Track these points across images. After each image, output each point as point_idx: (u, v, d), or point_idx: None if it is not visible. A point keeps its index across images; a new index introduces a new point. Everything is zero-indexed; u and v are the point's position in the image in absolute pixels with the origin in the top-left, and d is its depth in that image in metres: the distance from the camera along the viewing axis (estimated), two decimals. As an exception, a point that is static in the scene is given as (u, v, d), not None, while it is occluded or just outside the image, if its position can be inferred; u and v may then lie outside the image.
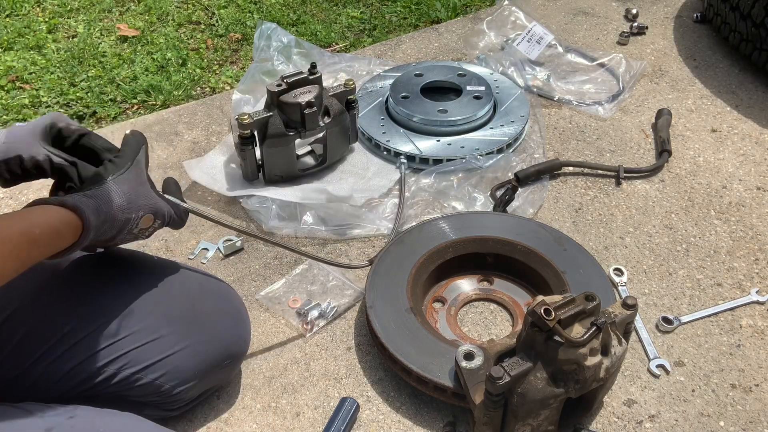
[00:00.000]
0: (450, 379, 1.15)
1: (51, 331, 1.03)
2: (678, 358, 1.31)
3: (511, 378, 1.01)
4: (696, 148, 1.82)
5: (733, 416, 1.21)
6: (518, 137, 1.79)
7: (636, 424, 1.20)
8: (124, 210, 0.98)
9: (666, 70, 2.12)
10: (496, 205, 1.59)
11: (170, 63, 2.28)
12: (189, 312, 1.12)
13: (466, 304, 1.40)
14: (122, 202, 0.98)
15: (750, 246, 1.54)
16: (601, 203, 1.66)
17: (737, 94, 2.01)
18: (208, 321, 1.13)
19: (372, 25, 2.48)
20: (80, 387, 1.05)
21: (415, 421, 1.21)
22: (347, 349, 1.33)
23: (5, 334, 1.02)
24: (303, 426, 1.20)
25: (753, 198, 1.66)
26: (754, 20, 1.96)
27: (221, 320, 1.15)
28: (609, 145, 1.83)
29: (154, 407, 1.11)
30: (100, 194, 0.96)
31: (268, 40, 2.03)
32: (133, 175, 1.01)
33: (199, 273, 1.22)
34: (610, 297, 1.29)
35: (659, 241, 1.55)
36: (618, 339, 1.09)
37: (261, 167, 1.64)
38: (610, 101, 1.96)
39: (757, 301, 1.41)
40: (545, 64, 2.10)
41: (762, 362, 1.30)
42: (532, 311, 1.00)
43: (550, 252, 1.39)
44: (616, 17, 2.39)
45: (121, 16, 2.55)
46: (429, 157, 1.70)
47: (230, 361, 1.17)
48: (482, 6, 2.55)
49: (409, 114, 1.79)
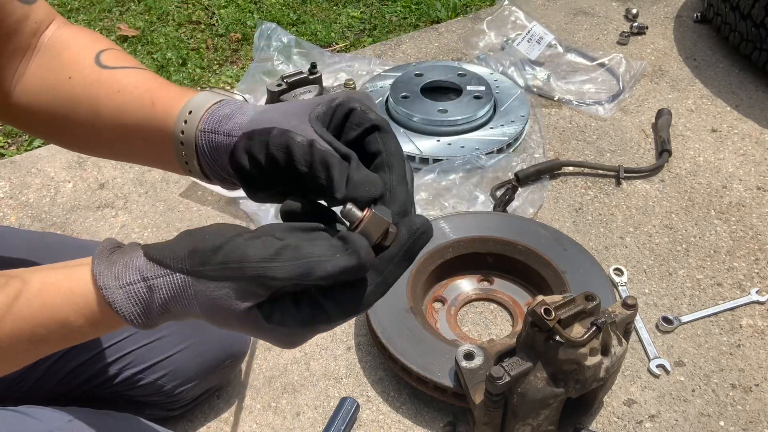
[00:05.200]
0: (450, 379, 1.15)
1: None
2: (678, 358, 1.31)
3: (511, 378, 1.01)
4: (696, 148, 1.82)
5: (733, 416, 1.21)
6: (518, 137, 1.79)
7: (636, 424, 1.20)
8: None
9: (666, 70, 2.12)
10: (496, 204, 1.59)
11: (170, 63, 2.28)
12: None
13: (466, 304, 1.40)
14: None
15: (750, 246, 1.54)
16: (601, 203, 1.66)
17: (737, 94, 2.01)
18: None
19: (372, 25, 2.48)
20: (82, 387, 1.05)
21: (415, 421, 1.21)
22: (347, 349, 1.33)
23: None
24: (303, 426, 1.20)
25: (753, 198, 1.66)
26: (754, 20, 1.96)
27: None
28: (609, 145, 1.83)
29: (155, 407, 1.12)
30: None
31: (268, 40, 2.03)
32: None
33: None
34: (610, 297, 1.29)
35: (659, 241, 1.55)
36: (618, 339, 1.09)
37: (261, 167, 1.64)
38: (610, 101, 1.96)
39: (757, 301, 1.41)
40: (545, 64, 2.10)
41: (762, 362, 1.30)
42: (532, 311, 1.00)
43: (550, 252, 1.39)
44: (616, 17, 2.39)
45: (121, 16, 2.55)
46: (429, 157, 1.70)
47: (231, 361, 1.17)
48: (482, 6, 2.55)
49: (409, 114, 1.79)
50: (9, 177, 1.74)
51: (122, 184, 1.72)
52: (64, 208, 1.66)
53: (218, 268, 0.55)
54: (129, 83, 0.76)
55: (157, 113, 0.73)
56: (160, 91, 0.75)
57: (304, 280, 0.54)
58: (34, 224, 1.61)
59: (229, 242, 0.56)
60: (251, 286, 0.55)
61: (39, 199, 1.68)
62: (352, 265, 0.54)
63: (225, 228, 0.59)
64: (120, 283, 0.58)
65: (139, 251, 0.60)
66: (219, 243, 0.56)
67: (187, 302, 0.58)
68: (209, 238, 0.58)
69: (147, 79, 0.77)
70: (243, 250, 0.55)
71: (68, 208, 1.65)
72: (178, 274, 0.57)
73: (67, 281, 0.60)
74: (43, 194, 1.70)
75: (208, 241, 0.57)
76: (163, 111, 0.73)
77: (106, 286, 0.58)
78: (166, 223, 1.60)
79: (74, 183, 1.72)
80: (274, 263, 0.54)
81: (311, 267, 0.54)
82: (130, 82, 0.76)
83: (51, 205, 1.67)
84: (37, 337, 0.60)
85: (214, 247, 0.56)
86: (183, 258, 0.57)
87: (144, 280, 0.58)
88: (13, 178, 1.74)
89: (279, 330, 0.57)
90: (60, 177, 1.74)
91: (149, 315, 0.59)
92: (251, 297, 0.56)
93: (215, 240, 0.57)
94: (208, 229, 0.60)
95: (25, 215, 1.64)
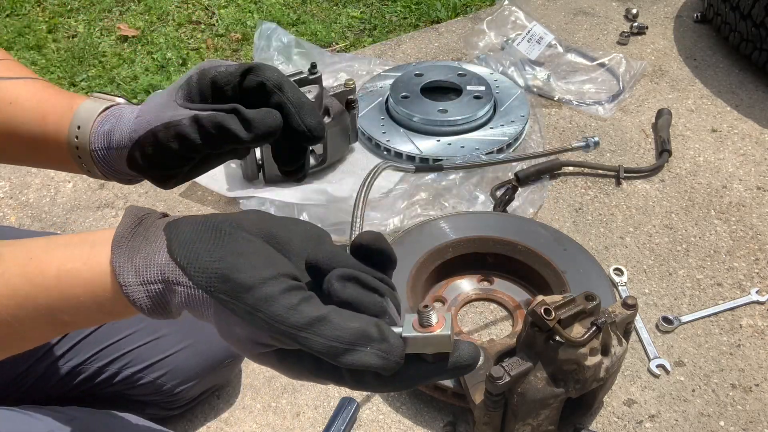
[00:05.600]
0: (450, 379, 1.15)
1: None
2: (678, 358, 1.31)
3: (511, 378, 1.01)
4: (696, 148, 1.82)
5: (733, 416, 1.21)
6: (518, 137, 1.79)
7: (636, 424, 1.20)
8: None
9: (666, 70, 2.12)
10: (496, 204, 1.59)
11: (170, 63, 2.28)
12: None
13: (466, 304, 1.40)
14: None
15: (750, 246, 1.54)
16: (601, 203, 1.66)
17: (737, 94, 2.01)
18: None
19: (372, 25, 2.48)
20: (81, 386, 1.05)
21: (415, 421, 1.21)
22: (347, 349, 1.33)
23: None
24: (303, 426, 1.20)
25: (753, 198, 1.66)
26: (754, 20, 1.96)
27: None
28: (609, 145, 1.83)
29: (155, 406, 1.12)
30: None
31: (268, 40, 2.03)
32: None
33: None
34: (610, 297, 1.29)
35: (659, 240, 1.55)
36: (618, 339, 1.09)
37: (261, 167, 1.64)
38: (610, 101, 1.96)
39: (757, 301, 1.41)
40: (545, 64, 2.10)
41: (762, 362, 1.30)
42: (532, 311, 1.00)
43: (550, 252, 1.39)
44: (616, 17, 2.39)
45: (121, 16, 2.55)
46: (429, 157, 1.70)
47: (231, 361, 1.17)
48: (482, 6, 2.55)
49: (409, 114, 1.79)
50: (9, 177, 1.74)
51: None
52: (64, 208, 1.66)
53: (246, 310, 0.52)
54: (20, 95, 0.78)
55: (49, 127, 0.76)
56: (50, 102, 0.77)
57: (329, 359, 0.52)
58: (34, 224, 1.61)
59: (266, 286, 0.52)
60: (273, 340, 0.53)
61: (39, 199, 1.68)
62: (376, 365, 0.52)
63: (266, 263, 0.54)
64: (140, 279, 0.56)
65: (162, 243, 0.56)
66: (254, 282, 0.52)
67: (203, 316, 0.56)
68: (246, 268, 0.52)
69: (38, 90, 0.79)
70: (278, 308, 0.51)
71: (68, 208, 1.65)
72: (202, 291, 0.54)
73: (87, 271, 0.57)
74: (43, 194, 1.70)
75: (244, 273, 0.52)
76: (54, 125, 0.76)
77: (127, 284, 0.56)
78: (166, 223, 1.60)
79: (74, 183, 1.72)
80: (303, 333, 0.51)
81: (337, 352, 0.51)
82: (21, 93, 0.78)
83: (51, 205, 1.67)
84: (57, 321, 0.60)
85: (248, 285, 0.52)
86: (210, 277, 0.53)
87: (164, 282, 0.55)
88: (13, 178, 1.74)
89: (288, 372, 0.56)
90: (60, 177, 1.74)
91: (168, 312, 0.58)
92: (270, 346, 0.54)
93: (251, 276, 0.52)
94: (248, 256, 0.54)
95: (25, 215, 1.64)
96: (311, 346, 0.51)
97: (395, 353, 0.52)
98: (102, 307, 0.58)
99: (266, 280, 0.52)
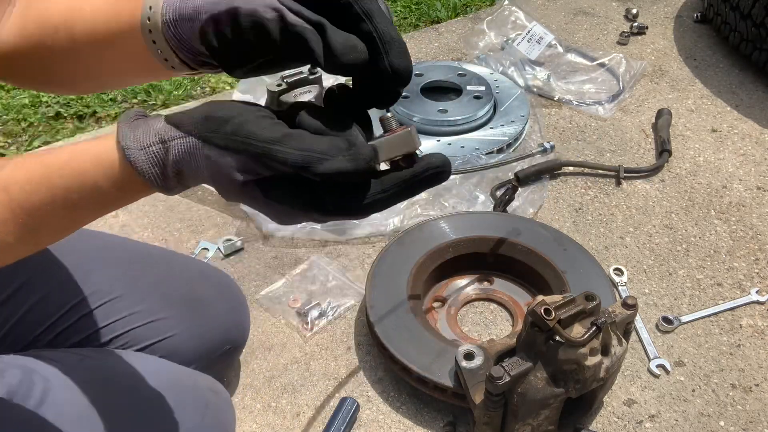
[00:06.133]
0: (450, 379, 1.15)
1: (56, 305, 1.03)
2: (678, 358, 1.31)
3: (511, 378, 1.01)
4: (696, 148, 1.82)
5: (733, 416, 1.21)
6: (518, 137, 1.79)
7: (636, 424, 1.20)
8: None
9: (666, 70, 2.12)
10: (497, 204, 1.59)
11: (170, 63, 2.28)
12: (188, 295, 1.12)
13: (466, 303, 1.40)
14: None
15: (750, 246, 1.54)
16: (601, 203, 1.66)
17: (737, 94, 2.01)
18: (207, 305, 1.13)
19: (372, 25, 2.48)
20: None
21: (415, 421, 1.21)
22: (347, 349, 1.33)
23: (13, 306, 1.02)
24: (303, 426, 1.20)
25: (753, 198, 1.66)
26: (754, 20, 1.96)
27: (221, 305, 1.15)
28: (609, 145, 1.83)
29: None
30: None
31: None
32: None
33: (199, 262, 1.23)
34: (610, 297, 1.29)
35: (659, 240, 1.55)
36: (618, 339, 1.09)
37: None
38: (610, 101, 1.96)
39: (757, 301, 1.41)
40: (545, 64, 2.10)
41: (762, 362, 1.30)
42: (532, 311, 1.00)
43: (550, 252, 1.39)
44: (616, 17, 2.39)
45: None
46: (429, 157, 1.70)
47: (230, 347, 1.16)
48: (482, 6, 2.55)
49: (409, 114, 1.79)
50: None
51: (122, 184, 1.72)
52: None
53: (226, 137, 0.58)
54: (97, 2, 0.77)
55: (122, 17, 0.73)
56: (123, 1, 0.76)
57: (304, 171, 0.57)
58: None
59: (242, 116, 0.59)
60: (252, 162, 0.58)
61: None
62: (347, 170, 0.57)
63: (244, 105, 0.62)
64: (140, 144, 0.61)
65: (160, 117, 0.63)
66: (232, 114, 0.59)
67: (195, 164, 0.61)
68: (226, 107, 0.61)
69: None
70: (252, 126, 0.58)
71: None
72: (191, 137, 0.60)
73: (95, 147, 0.63)
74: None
75: (224, 110, 0.60)
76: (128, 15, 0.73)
77: (128, 147, 0.61)
78: (166, 223, 1.60)
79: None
80: (276, 146, 0.57)
81: (310, 161, 0.56)
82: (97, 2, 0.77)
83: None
84: (71, 203, 0.64)
85: (226, 117, 0.59)
86: (196, 122, 0.60)
87: (162, 142, 0.61)
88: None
89: (275, 206, 0.61)
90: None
91: (166, 176, 0.62)
92: (252, 172, 0.59)
93: (230, 111, 0.60)
94: (228, 102, 0.62)
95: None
96: (286, 158, 0.57)
97: (364, 154, 0.57)
98: (108, 179, 0.63)
99: (242, 112, 0.60)
